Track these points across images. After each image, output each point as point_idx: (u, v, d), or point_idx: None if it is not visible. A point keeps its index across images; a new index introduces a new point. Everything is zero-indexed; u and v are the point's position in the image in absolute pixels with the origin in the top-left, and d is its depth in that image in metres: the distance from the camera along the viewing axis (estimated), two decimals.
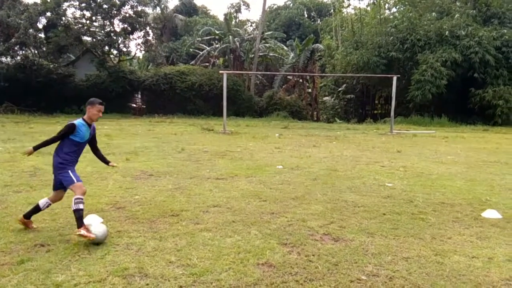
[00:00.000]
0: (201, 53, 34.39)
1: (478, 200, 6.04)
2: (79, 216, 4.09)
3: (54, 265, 3.53)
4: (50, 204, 4.53)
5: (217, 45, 33.59)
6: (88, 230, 4.00)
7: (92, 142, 4.67)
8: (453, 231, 4.65)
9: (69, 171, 4.31)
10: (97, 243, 4.00)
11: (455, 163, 9.74)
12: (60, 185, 4.44)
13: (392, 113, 19.28)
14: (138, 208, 5.30)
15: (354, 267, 3.60)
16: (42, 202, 4.47)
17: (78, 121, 4.38)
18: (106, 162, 4.84)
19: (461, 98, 24.69)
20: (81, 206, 4.12)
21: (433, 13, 27.15)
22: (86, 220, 4.25)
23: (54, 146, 4.48)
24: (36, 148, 4.32)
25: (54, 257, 3.69)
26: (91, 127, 4.49)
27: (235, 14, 45.92)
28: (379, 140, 15.19)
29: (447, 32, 24.10)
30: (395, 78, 18.73)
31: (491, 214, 5.24)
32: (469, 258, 3.85)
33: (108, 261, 3.62)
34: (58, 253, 3.77)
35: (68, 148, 4.35)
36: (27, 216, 4.47)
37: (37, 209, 4.46)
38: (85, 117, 4.45)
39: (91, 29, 27.12)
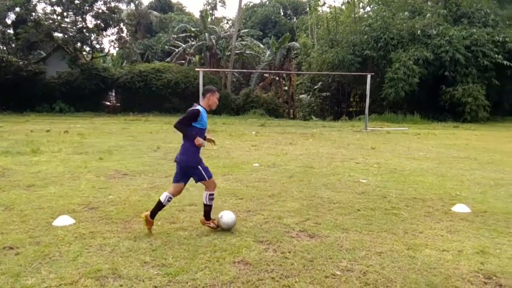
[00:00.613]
0: (176, 50, 34.02)
1: (449, 195, 6.22)
2: (208, 209, 4.38)
3: (23, 268, 3.43)
4: (171, 198, 4.38)
5: (193, 43, 33.30)
6: (214, 222, 4.35)
7: None
8: (425, 225, 4.77)
9: (199, 167, 4.34)
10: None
11: (427, 159, 9.99)
12: (183, 179, 4.39)
13: (366, 111, 19.61)
14: (112, 208, 5.20)
15: (329, 262, 3.65)
16: (162, 197, 4.34)
17: (199, 107, 4.27)
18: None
19: (432, 96, 25.34)
20: (212, 203, 4.39)
21: (406, 13, 27.74)
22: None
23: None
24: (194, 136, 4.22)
25: (24, 260, 3.58)
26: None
27: (211, 11, 45.66)
28: (354, 137, 15.43)
29: (419, 31, 24.67)
30: (369, 76, 19.06)
31: (460, 208, 5.41)
32: (440, 252, 3.96)
33: (80, 263, 3.54)
34: (27, 256, 3.66)
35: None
36: (152, 215, 4.30)
37: (160, 205, 4.33)
38: (203, 104, 4.35)
39: (63, 25, 26.38)
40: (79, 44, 27.70)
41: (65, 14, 26.58)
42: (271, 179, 7.23)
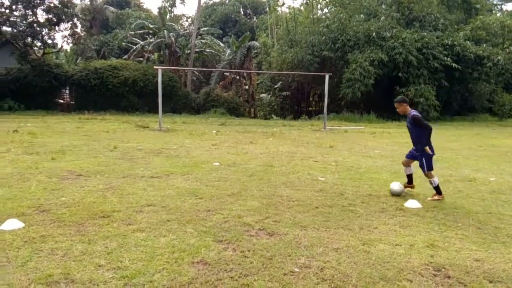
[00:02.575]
0: (134, 47, 33.14)
1: None
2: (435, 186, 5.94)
3: None
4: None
5: (151, 40, 32.57)
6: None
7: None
8: (379, 221, 4.94)
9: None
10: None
11: (382, 157, 10.35)
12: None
13: (325, 110, 20.03)
14: (64, 211, 4.99)
15: (287, 260, 3.69)
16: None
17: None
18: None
19: (387, 96, 26.21)
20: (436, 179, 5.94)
21: (362, 15, 28.59)
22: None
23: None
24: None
25: None
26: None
27: (169, 8, 44.78)
28: (313, 136, 15.71)
29: (374, 33, 25.51)
30: (327, 77, 19.47)
31: (412, 204, 5.65)
32: (393, 246, 4.11)
33: (30, 268, 3.37)
34: None
35: None
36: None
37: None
38: None
39: (11, 19, 24.97)
40: (29, 39, 26.29)
41: (13, 7, 25.16)
42: (231, 178, 7.22)
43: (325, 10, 34.85)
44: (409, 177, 6.45)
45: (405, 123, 6.58)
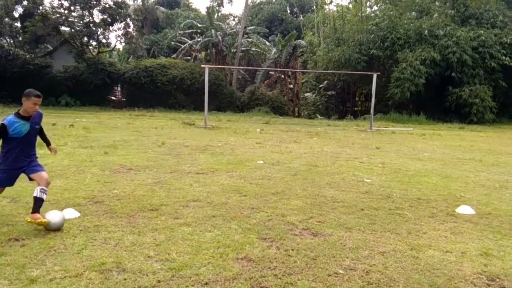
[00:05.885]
0: (182, 46, 34.03)
1: (453, 196, 6.20)
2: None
3: (28, 259, 3.46)
4: (43, 189, 4.29)
5: (199, 39, 33.29)
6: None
7: (40, 132, 4.69)
8: (429, 226, 4.76)
9: None
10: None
11: (432, 160, 9.95)
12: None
13: (371, 110, 19.54)
14: (116, 203, 5.23)
15: (332, 261, 3.65)
16: (34, 192, 4.33)
17: (8, 118, 4.16)
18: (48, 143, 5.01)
19: (438, 97, 25.23)
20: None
21: (413, 12, 27.59)
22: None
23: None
24: None
25: (29, 251, 3.62)
26: (32, 118, 4.31)
27: (217, 8, 45.66)
28: (359, 137, 15.39)
29: (426, 31, 24.54)
30: (375, 76, 18.98)
31: (465, 210, 5.39)
32: (443, 253, 3.95)
33: (85, 256, 3.57)
34: (33, 248, 3.70)
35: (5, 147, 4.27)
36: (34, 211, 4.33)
37: (36, 201, 4.33)
38: (21, 110, 4.26)
39: (70, 19, 26.47)
40: (85, 38, 27.76)
41: (72, 8, 26.65)
42: (275, 176, 7.24)
43: (375, 7, 34.00)
44: None
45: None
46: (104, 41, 29.07)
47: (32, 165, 4.40)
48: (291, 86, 33.43)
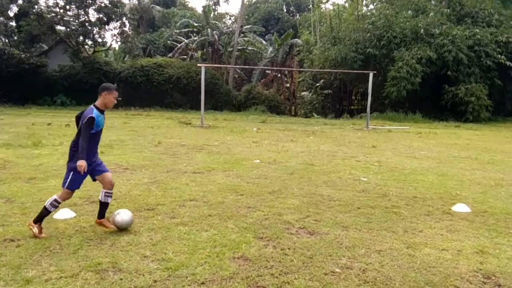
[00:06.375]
0: (179, 45, 33.97)
1: (449, 195, 6.22)
2: (42, 215, 4.01)
3: (24, 260, 3.44)
4: (108, 193, 4.27)
5: (195, 38, 33.24)
6: (40, 232, 3.94)
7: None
8: (425, 224, 4.77)
9: (71, 172, 4.03)
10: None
11: (428, 158, 9.98)
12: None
13: (368, 109, 19.58)
14: (112, 202, 5.17)
15: (328, 260, 3.65)
16: (100, 196, 4.31)
17: (94, 112, 3.97)
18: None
19: (434, 95, 25.29)
20: (53, 209, 4.08)
21: (409, 11, 27.64)
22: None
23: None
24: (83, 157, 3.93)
25: (24, 252, 3.60)
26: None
27: (213, 6, 45.40)
28: (355, 135, 15.42)
29: (422, 30, 24.57)
30: (371, 74, 19.01)
31: (460, 208, 5.41)
32: (439, 251, 3.96)
33: (80, 256, 3.56)
34: (28, 248, 3.68)
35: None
36: (100, 216, 4.25)
37: (102, 206, 4.28)
38: (97, 104, 4.06)
39: (65, 19, 26.34)
40: (81, 37, 27.66)
41: (67, 7, 26.52)
42: (271, 175, 7.24)
43: (371, 6, 34.03)
44: None
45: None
46: (99, 40, 28.93)
47: (98, 163, 4.25)
48: (288, 85, 33.45)
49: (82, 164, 3.87)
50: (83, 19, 26.81)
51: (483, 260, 3.76)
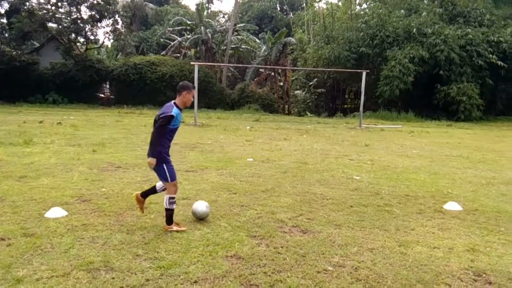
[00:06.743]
0: (172, 43, 33.79)
1: (441, 193, 6.27)
2: (169, 215, 4.21)
3: (15, 259, 3.41)
4: (166, 189, 4.32)
5: (188, 36, 33.07)
6: (178, 225, 4.24)
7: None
8: (417, 222, 4.80)
9: (165, 166, 4.20)
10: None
11: (420, 157, 10.05)
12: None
13: (361, 108, 19.66)
14: (104, 201, 5.18)
15: (321, 258, 3.67)
16: (158, 184, 4.46)
17: (174, 110, 4.13)
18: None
19: (426, 94, 25.45)
20: (174, 206, 4.26)
21: (402, 10, 27.76)
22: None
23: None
24: (154, 154, 4.14)
25: (15, 251, 3.56)
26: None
27: (207, 4, 45.21)
28: (348, 134, 15.48)
29: (414, 29, 24.72)
30: (364, 74, 19.08)
31: (452, 206, 5.45)
32: (431, 249, 3.99)
33: (72, 255, 3.53)
34: (19, 247, 3.64)
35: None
36: (144, 195, 4.49)
37: (153, 190, 4.49)
38: (177, 102, 4.27)
39: (57, 16, 26.07)
40: (73, 35, 27.38)
41: (59, 4, 26.25)
42: (265, 174, 7.24)
43: (364, 5, 34.15)
44: None
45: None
46: (92, 37, 28.69)
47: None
48: (281, 83, 33.44)
49: (151, 162, 4.14)
50: (75, 16, 26.57)
51: (474, 258, 3.79)
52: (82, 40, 29.43)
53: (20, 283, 3.03)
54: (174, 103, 4.24)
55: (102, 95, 29.50)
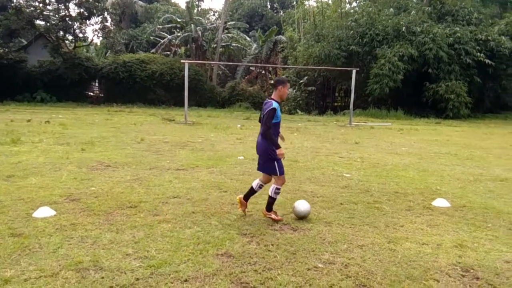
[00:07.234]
0: (162, 41, 33.61)
1: (429, 190, 6.34)
2: (271, 202, 4.55)
3: (2, 259, 3.36)
4: (262, 186, 4.66)
5: (178, 34, 32.91)
6: (276, 214, 4.54)
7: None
8: (406, 219, 4.85)
9: (275, 161, 4.45)
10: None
11: (409, 154, 10.14)
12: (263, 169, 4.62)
13: (351, 106, 19.75)
14: (94, 200, 5.14)
15: (311, 255, 3.68)
16: (254, 183, 4.67)
17: (274, 103, 4.32)
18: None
19: (416, 92, 25.65)
20: (278, 196, 4.57)
21: (391, 9, 27.91)
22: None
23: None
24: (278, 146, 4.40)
25: (3, 251, 3.52)
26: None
27: (197, 2, 45.09)
28: (339, 132, 15.55)
29: (404, 28, 24.88)
30: (354, 72, 19.16)
31: (440, 203, 5.52)
32: (420, 245, 4.03)
33: (61, 255, 3.50)
34: (6, 248, 3.60)
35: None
36: (246, 197, 4.68)
37: (251, 191, 4.66)
38: (274, 97, 4.44)
39: (45, 13, 25.72)
40: (61, 32, 27.03)
41: (47, 1, 25.91)
42: (255, 172, 7.22)
43: (354, 4, 34.28)
44: None
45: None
46: (80, 35, 28.39)
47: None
48: (272, 81, 33.45)
49: (281, 152, 4.39)
50: (63, 13, 26.23)
51: (462, 254, 3.84)
52: (70, 37, 29.10)
53: (8, 283, 3.00)
54: (272, 98, 4.41)
55: (91, 94, 29.21)
